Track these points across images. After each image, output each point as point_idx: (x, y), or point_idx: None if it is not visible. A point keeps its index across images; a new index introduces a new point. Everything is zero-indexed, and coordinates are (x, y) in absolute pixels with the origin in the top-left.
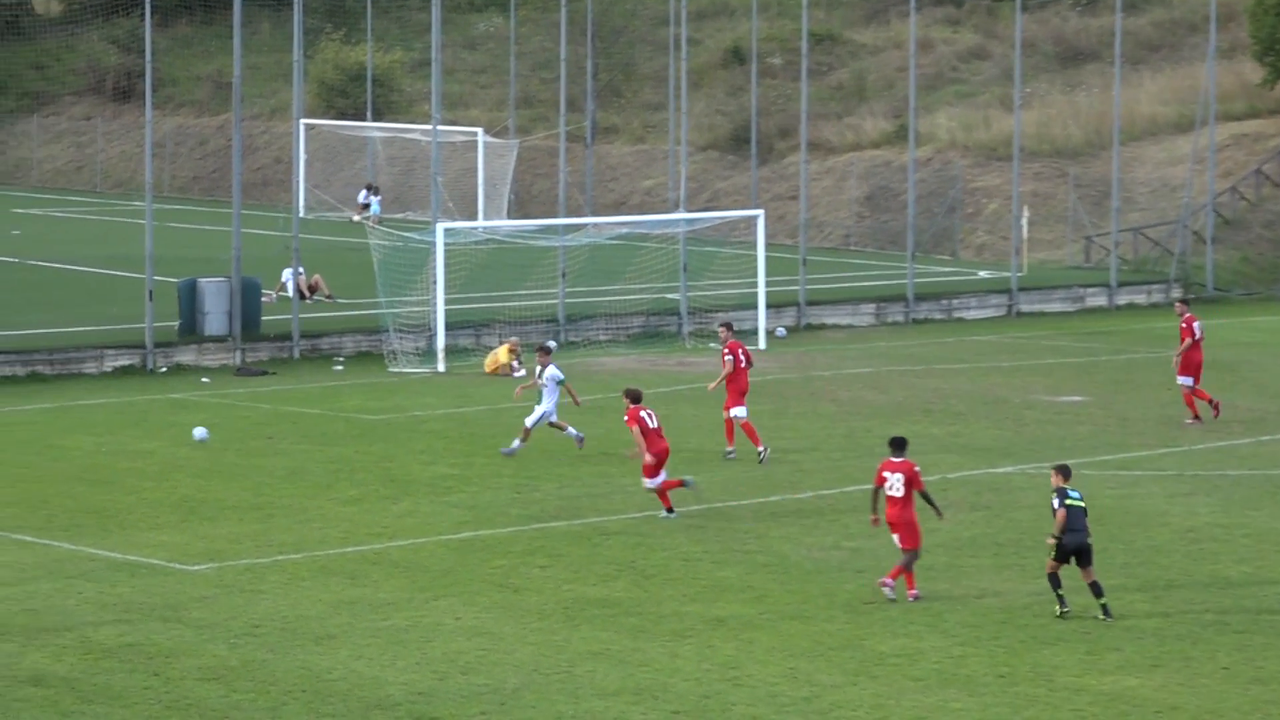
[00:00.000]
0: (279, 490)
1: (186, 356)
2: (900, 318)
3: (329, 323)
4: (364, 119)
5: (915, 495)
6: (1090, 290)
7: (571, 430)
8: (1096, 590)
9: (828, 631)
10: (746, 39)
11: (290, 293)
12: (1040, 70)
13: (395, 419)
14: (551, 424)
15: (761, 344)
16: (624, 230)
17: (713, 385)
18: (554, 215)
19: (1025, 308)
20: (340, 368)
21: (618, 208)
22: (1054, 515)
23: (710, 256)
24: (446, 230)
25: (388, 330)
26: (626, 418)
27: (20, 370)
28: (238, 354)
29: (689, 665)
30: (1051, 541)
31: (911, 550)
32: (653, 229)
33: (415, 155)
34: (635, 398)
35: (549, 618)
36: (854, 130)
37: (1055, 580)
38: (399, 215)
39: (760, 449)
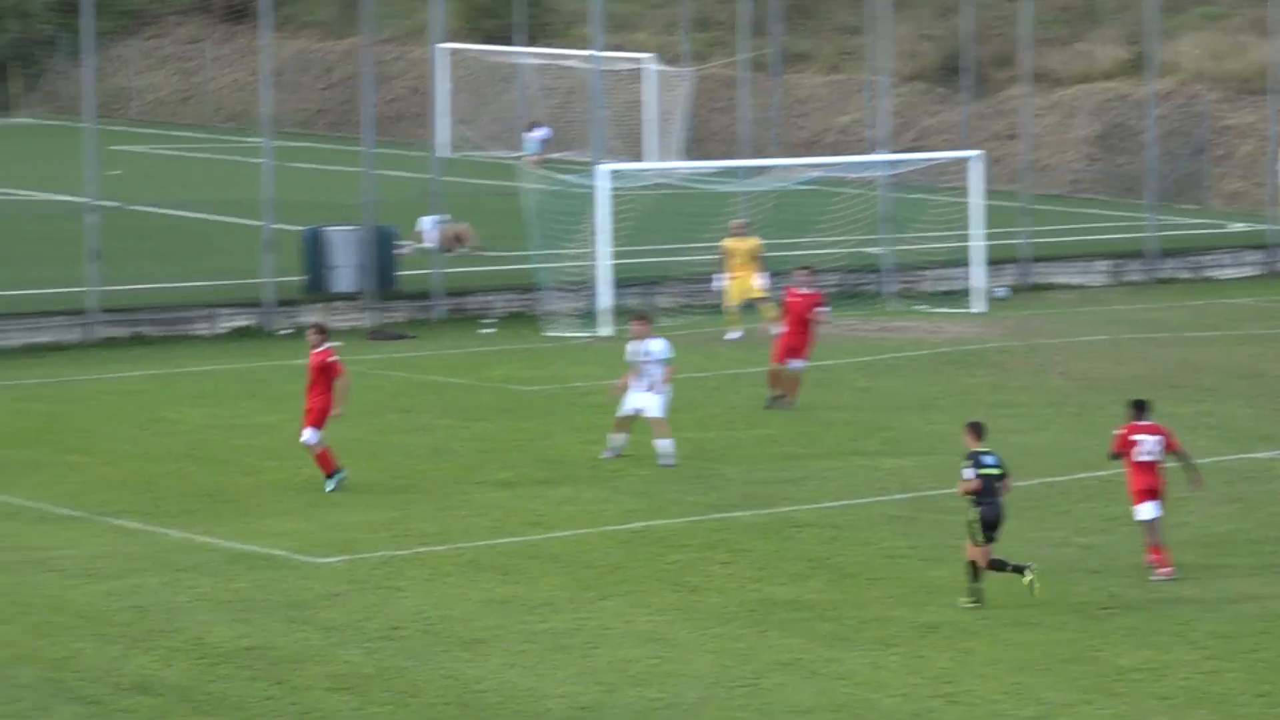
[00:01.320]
0: (419, 472)
1: (312, 317)
2: (1140, 277)
3: (476, 279)
4: (514, 43)
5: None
6: None
7: (619, 440)
8: (1000, 566)
9: (1057, 641)
10: None
11: (431, 244)
12: None
13: (552, 390)
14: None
15: (979, 306)
16: (816, 174)
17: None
18: (735, 156)
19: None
20: (489, 331)
21: (809, 147)
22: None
23: (917, 205)
24: (611, 173)
25: (543, 288)
26: None
27: (122, 332)
28: (371, 315)
29: (895, 679)
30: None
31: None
32: (849, 172)
33: (574, 86)
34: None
35: (732, 622)
36: (1084, 59)
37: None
38: (556, 155)
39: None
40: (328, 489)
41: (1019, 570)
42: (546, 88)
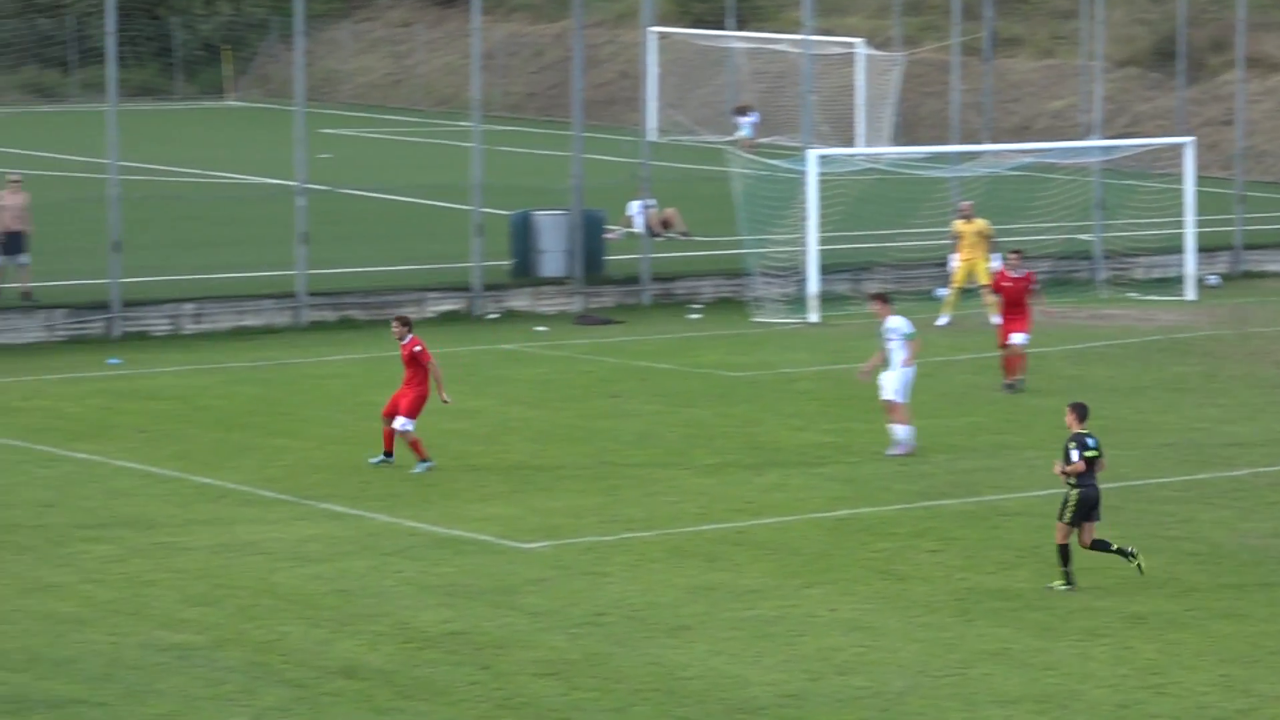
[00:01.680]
0: (625, 457)
1: (519, 301)
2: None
3: (684, 264)
4: (724, 27)
5: None
6: None
7: (900, 431)
8: (1105, 546)
9: (1267, 633)
10: None
11: (639, 229)
12: None
13: (760, 376)
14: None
15: (1190, 294)
16: (1028, 159)
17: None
18: (945, 141)
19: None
20: (697, 316)
21: (1020, 133)
22: None
23: (1129, 191)
24: (820, 158)
25: (751, 273)
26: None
27: (331, 315)
28: (578, 299)
29: (1103, 669)
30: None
31: None
32: (1062, 158)
33: (784, 70)
34: None
35: (939, 611)
36: None
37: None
38: (765, 140)
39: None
40: (414, 470)
41: (1124, 554)
42: (756, 72)
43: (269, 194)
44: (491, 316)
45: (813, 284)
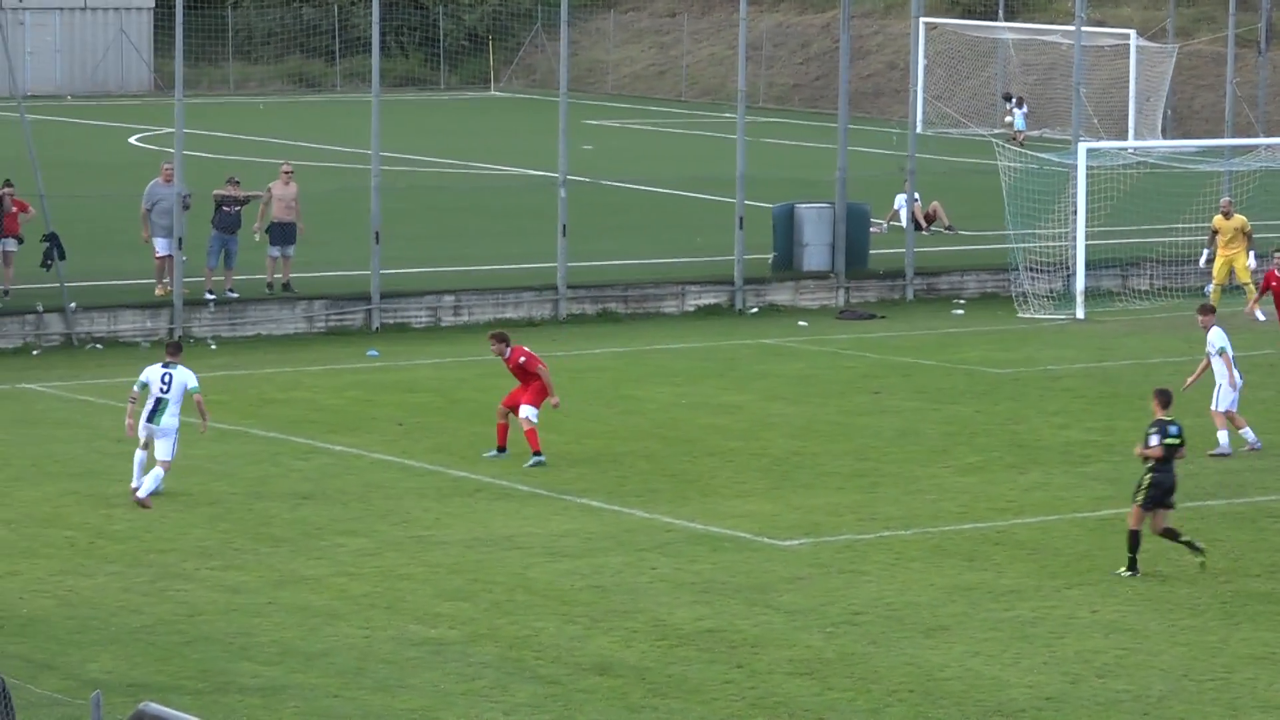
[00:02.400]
0: (886, 455)
1: (781, 295)
2: None
3: (948, 258)
4: (994, 18)
5: None
6: None
7: (1248, 434)
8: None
9: None
10: None
11: (904, 222)
12: None
13: (1024, 373)
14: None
15: None
16: None
17: None
18: (1218, 134)
19: None
20: (960, 312)
21: None
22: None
23: None
24: (1090, 151)
25: (1017, 269)
26: None
27: (590, 308)
28: (841, 293)
29: None
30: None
31: None
32: None
33: (1054, 62)
34: None
35: (1203, 614)
36: None
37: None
38: (1034, 132)
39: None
40: (527, 465)
41: (1193, 547)
42: (1026, 64)
43: (531, 185)
44: (753, 311)
45: (1080, 280)
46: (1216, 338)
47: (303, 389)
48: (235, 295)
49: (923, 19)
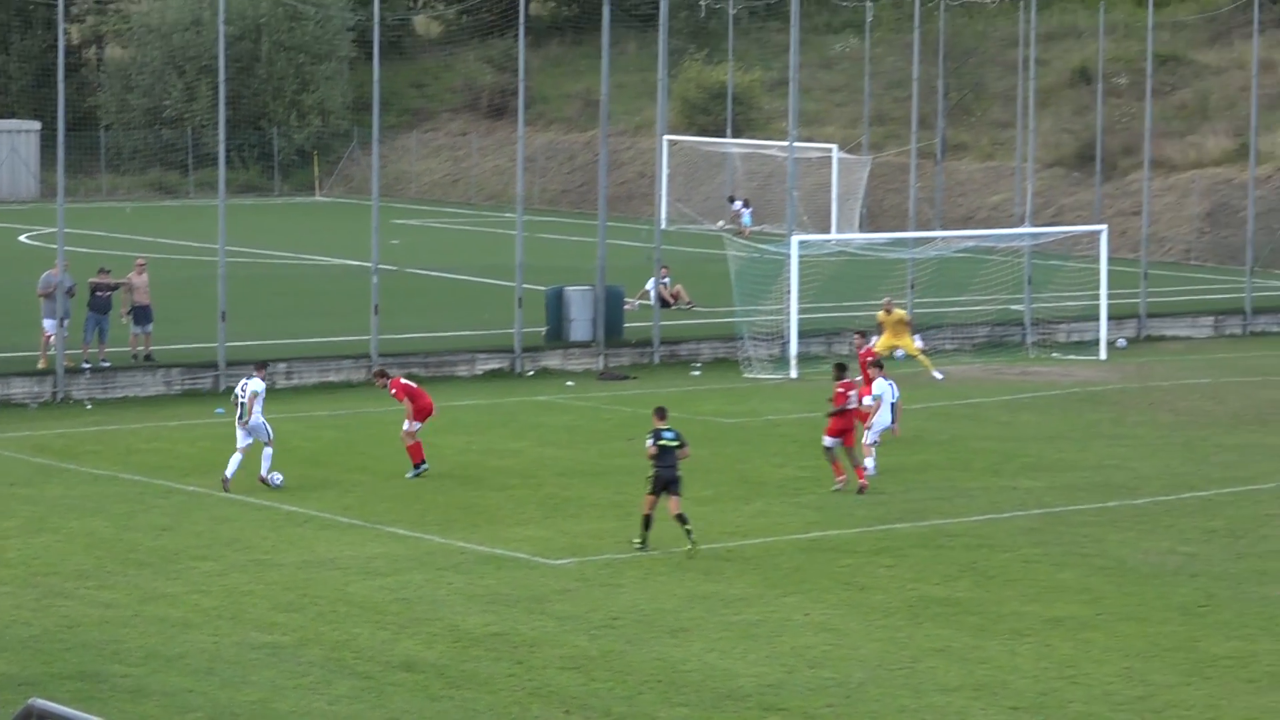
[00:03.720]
0: (638, 490)
1: (552, 360)
2: (1238, 330)
3: (688, 329)
4: (724, 135)
5: None
6: None
7: (870, 461)
8: (682, 520)
9: (1162, 633)
10: (1093, 60)
11: (653, 300)
12: None
13: (749, 423)
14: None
15: (1103, 354)
16: (971, 243)
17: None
18: (904, 229)
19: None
20: (698, 373)
21: (965, 222)
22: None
23: (1054, 269)
24: (801, 242)
25: (743, 337)
26: None
27: (397, 372)
28: (601, 359)
29: (1027, 663)
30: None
31: None
32: (999, 243)
33: (772, 170)
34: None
35: (893, 615)
36: (1196, 148)
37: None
38: (756, 228)
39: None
40: (409, 475)
41: (688, 535)
42: (750, 172)
43: (349, 273)
44: (529, 374)
45: (794, 346)
46: (877, 388)
47: (163, 440)
48: (107, 364)
49: (666, 136)
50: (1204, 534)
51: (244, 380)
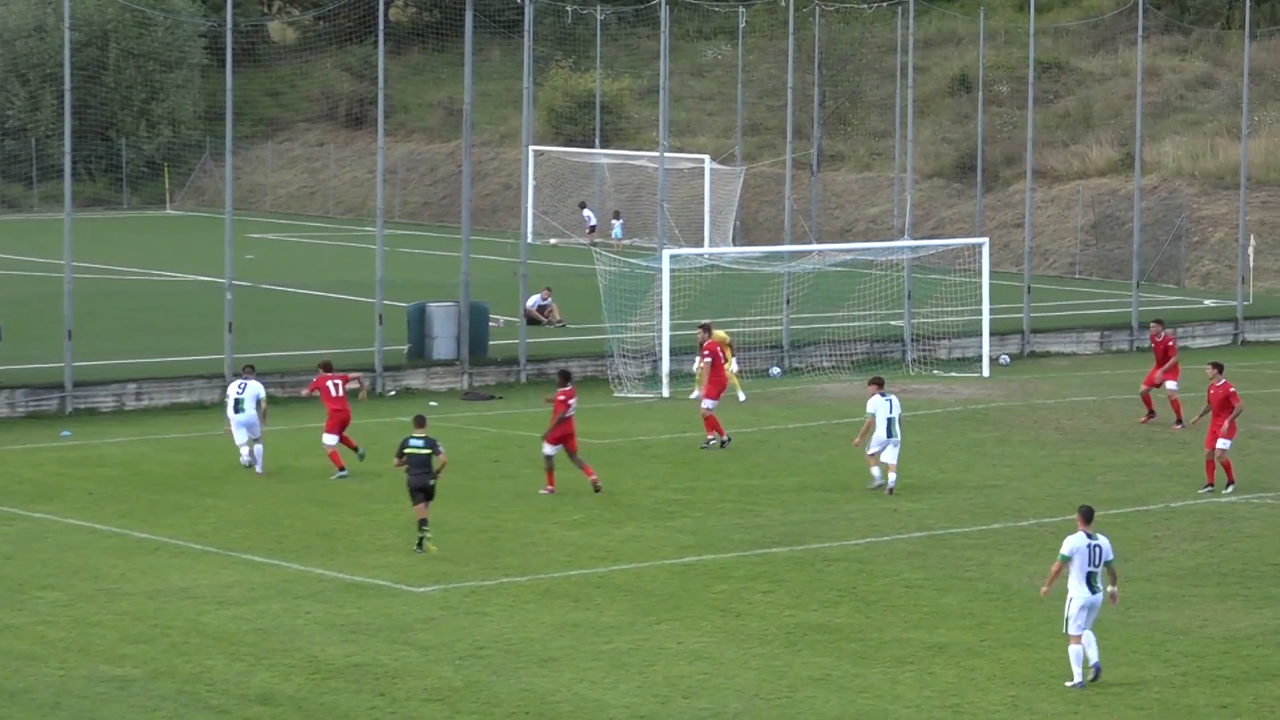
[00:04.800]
0: (504, 513)
1: (415, 380)
2: (1125, 346)
3: (555, 347)
4: (592, 145)
5: None
6: None
7: (876, 471)
8: (423, 524)
9: (1049, 660)
10: (973, 67)
11: (523, 315)
12: (1268, 99)
13: (620, 443)
14: None
15: (985, 371)
16: (849, 257)
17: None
18: (779, 242)
19: (1251, 336)
20: None
21: (842, 235)
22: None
23: (934, 284)
24: (672, 256)
25: (613, 355)
26: None
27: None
28: (465, 378)
29: (910, 692)
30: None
31: None
32: (877, 256)
33: (642, 182)
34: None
35: (771, 643)
36: (1080, 158)
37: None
38: (626, 241)
39: (710, 438)
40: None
41: (420, 542)
42: (619, 183)
43: (202, 289)
44: (391, 393)
45: (665, 364)
46: (871, 405)
47: (5, 464)
48: None
49: (532, 147)
50: None
51: (241, 381)
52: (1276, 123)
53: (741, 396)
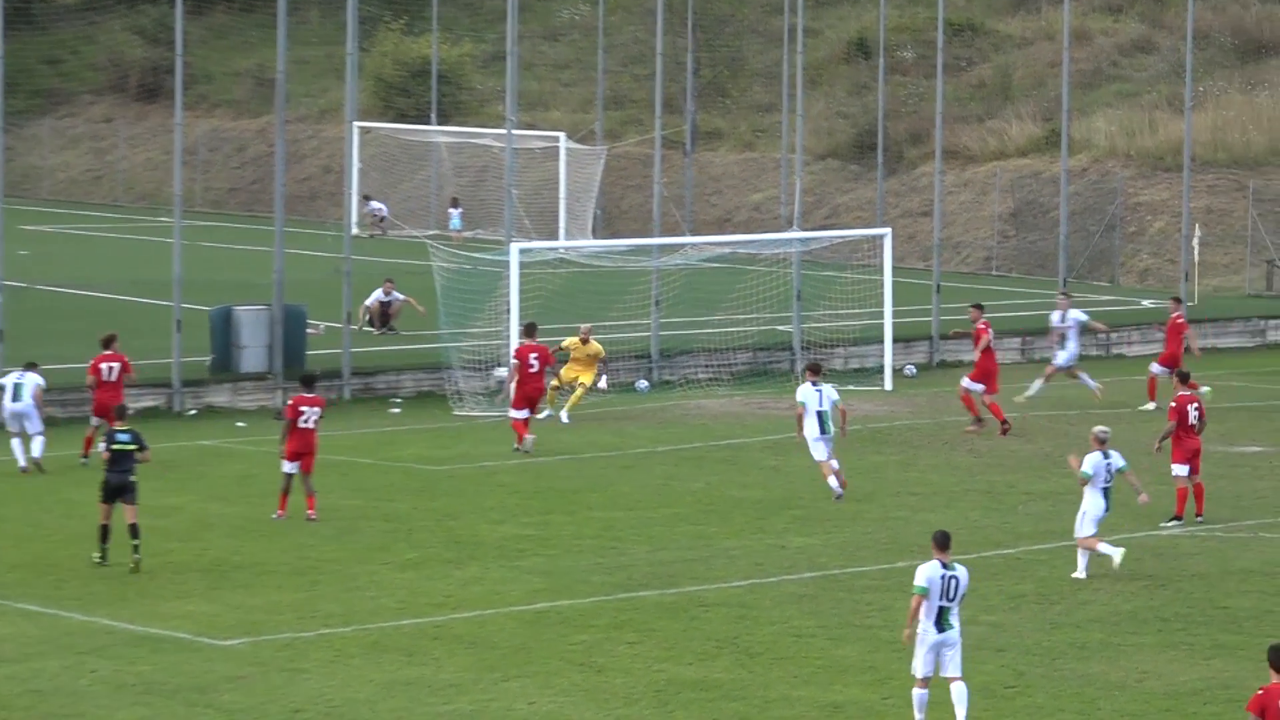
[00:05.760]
0: (325, 553)
1: (219, 397)
2: (1050, 353)
3: (384, 358)
4: (428, 122)
5: None
6: (1273, 323)
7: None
8: (133, 532)
9: None
10: (873, 29)
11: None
12: (1215, 66)
13: (460, 470)
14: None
15: (888, 384)
16: (728, 251)
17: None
18: (647, 234)
19: (1196, 342)
20: (397, 410)
21: (721, 225)
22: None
23: (828, 282)
24: (522, 251)
25: (452, 367)
26: None
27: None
28: (279, 394)
29: None
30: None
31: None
32: (762, 250)
33: (487, 164)
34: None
35: (637, 703)
36: (997, 136)
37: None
38: (467, 234)
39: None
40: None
41: (134, 548)
42: (460, 166)
43: None
44: (190, 413)
45: (504, 372)
46: (799, 394)
47: None
48: None
49: (357, 123)
50: (1011, 600)
51: (21, 372)
52: (1224, 93)
53: (565, 418)
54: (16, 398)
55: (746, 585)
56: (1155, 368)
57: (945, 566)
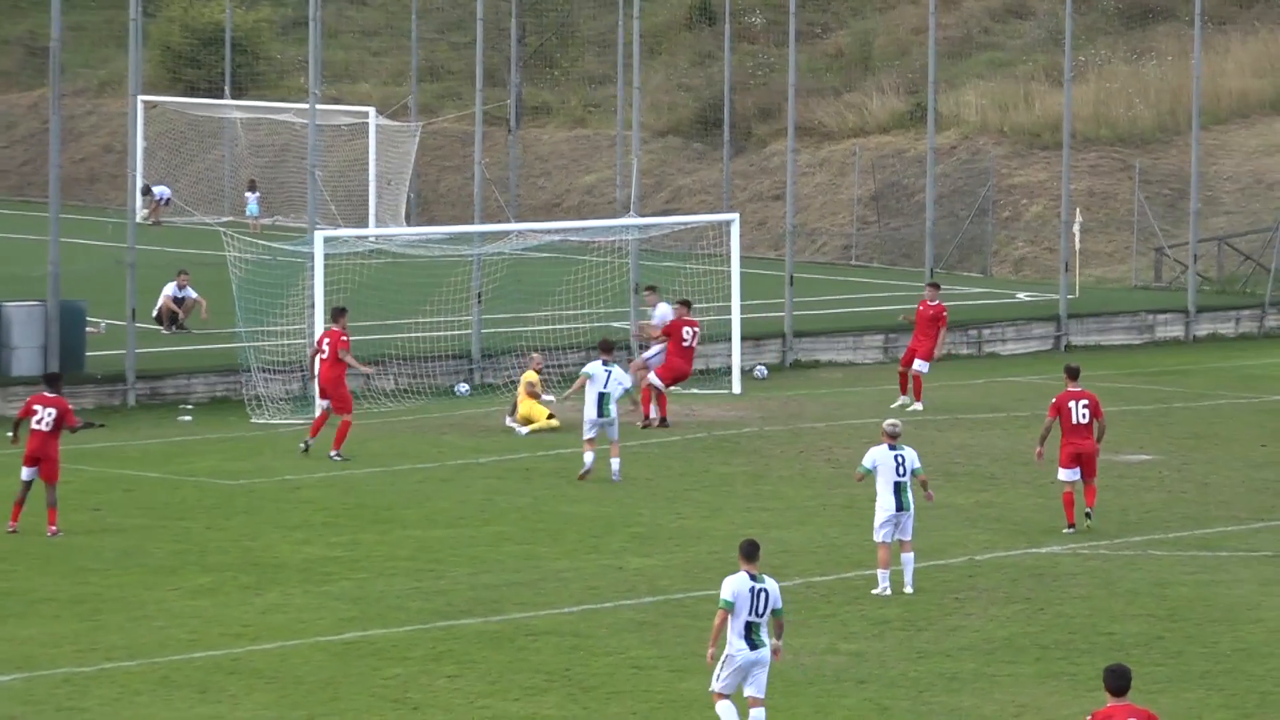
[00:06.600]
0: (107, 578)
1: None
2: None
3: (174, 359)
4: (221, 95)
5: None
6: (1162, 317)
7: None
8: None
9: None
10: None
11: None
12: (1098, 32)
13: (259, 484)
14: None
15: (736, 387)
16: (558, 239)
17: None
18: (467, 220)
19: (1077, 340)
20: (188, 418)
21: (550, 210)
22: None
23: (669, 273)
24: (327, 240)
25: (249, 369)
26: None
27: None
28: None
29: None
30: None
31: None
32: (595, 237)
33: (287, 143)
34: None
35: None
36: (856, 111)
37: None
38: (266, 221)
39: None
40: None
41: None
42: (257, 145)
43: None
44: None
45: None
46: (586, 368)
47: None
48: None
49: (141, 97)
50: (874, 626)
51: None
52: (1108, 63)
53: (521, 431)
54: None
55: (579, 611)
56: (919, 365)
57: (754, 578)
